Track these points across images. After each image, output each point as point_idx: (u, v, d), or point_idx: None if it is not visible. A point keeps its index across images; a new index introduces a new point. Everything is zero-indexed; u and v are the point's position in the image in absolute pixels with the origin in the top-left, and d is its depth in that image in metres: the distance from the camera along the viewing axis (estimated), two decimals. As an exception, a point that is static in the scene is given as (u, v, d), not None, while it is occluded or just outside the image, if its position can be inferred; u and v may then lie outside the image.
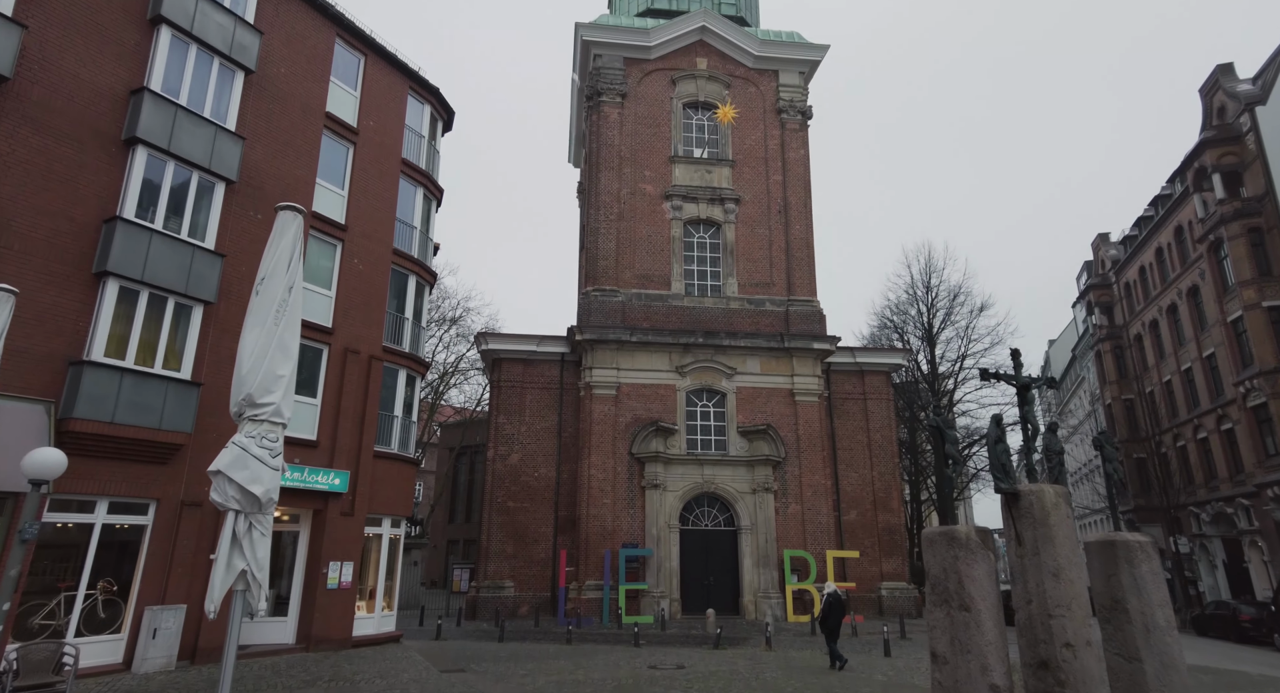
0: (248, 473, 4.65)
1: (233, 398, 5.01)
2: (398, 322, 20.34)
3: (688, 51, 32.76)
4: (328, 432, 17.99)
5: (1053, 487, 7.17)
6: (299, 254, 5.53)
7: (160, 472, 14.15)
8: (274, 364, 5.04)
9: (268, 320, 5.12)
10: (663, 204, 29.84)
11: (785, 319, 28.87)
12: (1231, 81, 33.44)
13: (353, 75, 20.20)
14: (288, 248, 5.46)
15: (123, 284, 13.97)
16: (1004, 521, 7.24)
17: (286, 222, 5.56)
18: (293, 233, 5.56)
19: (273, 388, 5.00)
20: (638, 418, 26.98)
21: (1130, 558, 7.09)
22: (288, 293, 5.33)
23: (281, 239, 5.46)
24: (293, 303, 5.31)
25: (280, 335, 5.15)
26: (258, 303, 5.25)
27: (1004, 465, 7.17)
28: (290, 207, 5.61)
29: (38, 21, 13.81)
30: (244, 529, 4.64)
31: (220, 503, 4.67)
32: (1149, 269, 40.11)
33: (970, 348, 40.83)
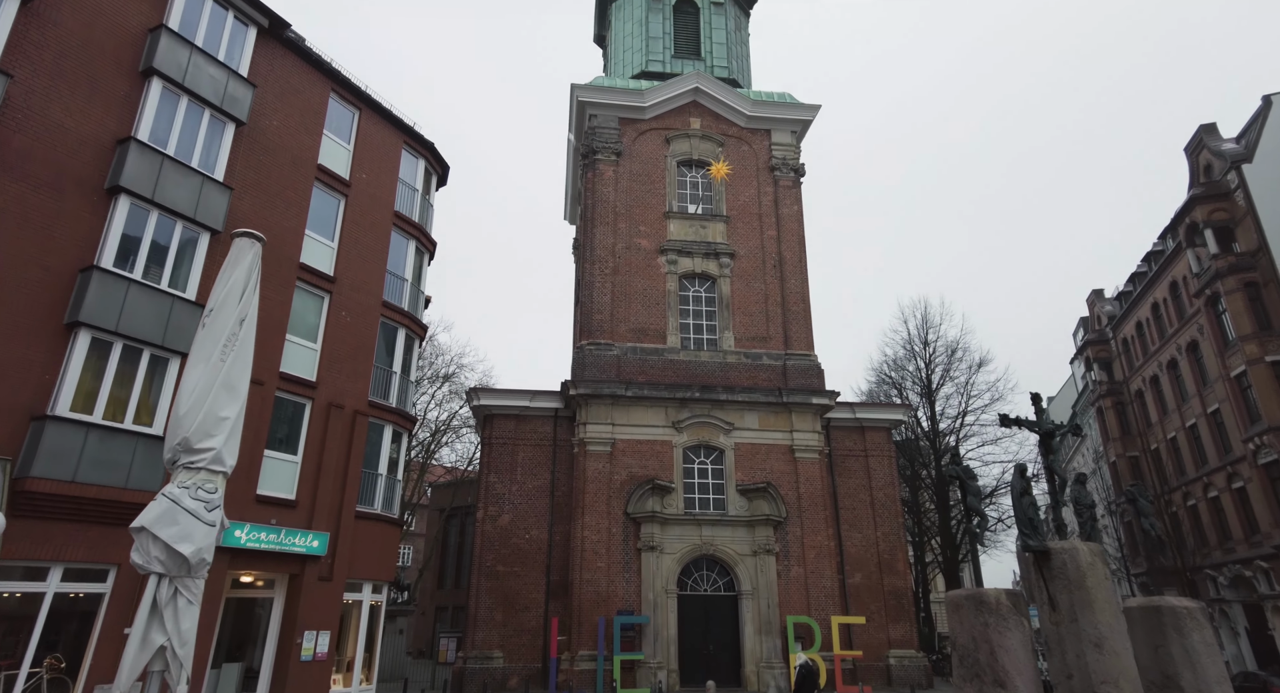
0: (176, 530, 4.00)
1: (167, 443, 4.41)
2: (385, 375, 19.75)
3: (681, 111, 33.21)
4: (308, 490, 17.17)
5: (1087, 544, 6.50)
6: (254, 285, 5.03)
7: (123, 534, 13.11)
8: (217, 404, 4.46)
9: (213, 356, 4.57)
10: (658, 258, 29.69)
11: (783, 373, 28.34)
12: (1216, 141, 33.99)
13: (347, 129, 20.18)
14: (242, 278, 4.95)
15: (95, 335, 13.42)
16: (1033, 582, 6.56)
17: (242, 249, 5.07)
18: (249, 261, 5.07)
19: (214, 431, 4.41)
20: (633, 476, 26.10)
21: (1179, 627, 6.37)
22: (239, 326, 4.79)
23: (235, 268, 4.97)
24: (244, 337, 4.76)
25: (227, 373, 4.58)
26: (204, 337, 4.71)
27: (1031, 521, 6.50)
28: (248, 233, 5.14)
29: (25, 71, 13.68)
30: (167, 596, 3.95)
31: (141, 565, 4.00)
32: (1146, 324, 39.95)
33: (970, 404, 40.22)
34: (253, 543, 15.56)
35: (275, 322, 17.01)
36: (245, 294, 4.89)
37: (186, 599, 3.97)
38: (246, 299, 4.88)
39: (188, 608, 3.96)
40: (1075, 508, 6.74)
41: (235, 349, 4.67)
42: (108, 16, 15.16)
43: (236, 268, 4.94)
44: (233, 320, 4.75)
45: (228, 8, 17.17)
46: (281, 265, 17.41)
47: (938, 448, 40.97)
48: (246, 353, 4.75)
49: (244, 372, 4.70)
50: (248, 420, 16.05)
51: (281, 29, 18.26)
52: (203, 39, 16.53)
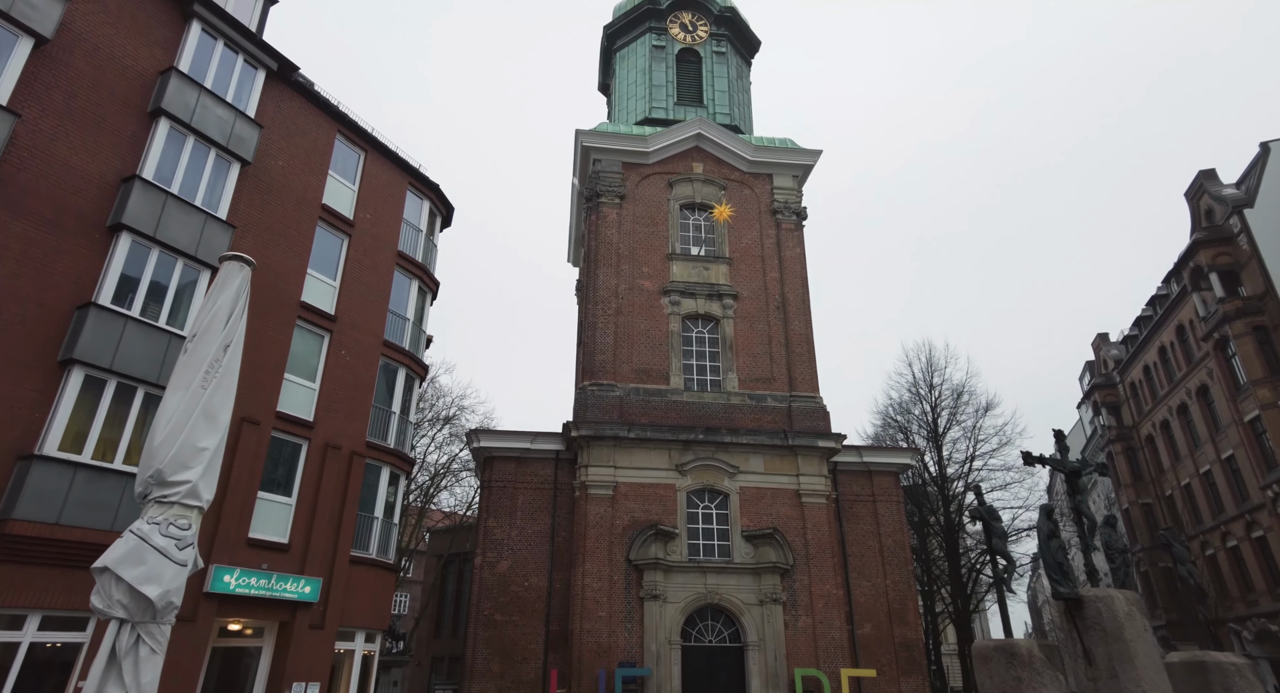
0: (143, 570, 3.67)
1: (139, 475, 4.11)
2: (384, 416, 19.42)
3: (684, 156, 33.56)
4: (301, 534, 16.68)
5: (1123, 593, 6.06)
6: (242, 310, 4.79)
7: (107, 579, 12.80)
8: (195, 435, 4.17)
9: (194, 383, 4.30)
10: (660, 299, 29.59)
11: (788, 416, 27.93)
12: (1216, 186, 34.19)
13: (352, 170, 20.28)
14: (228, 302, 4.72)
15: (89, 373, 13.18)
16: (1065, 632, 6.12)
17: (231, 273, 4.85)
18: (236, 286, 4.84)
19: (190, 463, 4.11)
20: (635, 521, 25.47)
21: (1227, 685, 5.91)
22: (223, 352, 4.53)
23: (222, 292, 4.74)
24: (227, 365, 4.50)
25: (208, 401, 4.30)
26: (185, 363, 4.44)
27: (1061, 566, 6.08)
28: (237, 256, 4.93)
29: (34, 111, 13.75)
30: (127, 645, 3.58)
31: (102, 610, 3.64)
32: (1154, 369, 39.58)
33: (978, 448, 39.55)
34: (242, 589, 15.02)
35: (274, 360, 16.79)
36: (231, 320, 4.65)
37: (150, 648, 3.60)
38: (232, 325, 4.64)
39: (150, 658, 3.58)
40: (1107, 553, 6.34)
41: (218, 377, 4.40)
42: (119, 60, 15.34)
43: (223, 292, 4.71)
44: (216, 346, 4.49)
45: (238, 52, 17.41)
46: (282, 304, 17.26)
47: (946, 494, 40.16)
48: (230, 381, 4.49)
49: (226, 401, 4.43)
50: (242, 461, 15.76)
51: (290, 72, 18.49)
52: (212, 81, 16.71)
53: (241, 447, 15.64)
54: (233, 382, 4.57)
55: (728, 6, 40.17)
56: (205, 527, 14.72)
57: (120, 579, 3.60)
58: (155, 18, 16.16)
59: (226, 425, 4.48)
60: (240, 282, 4.87)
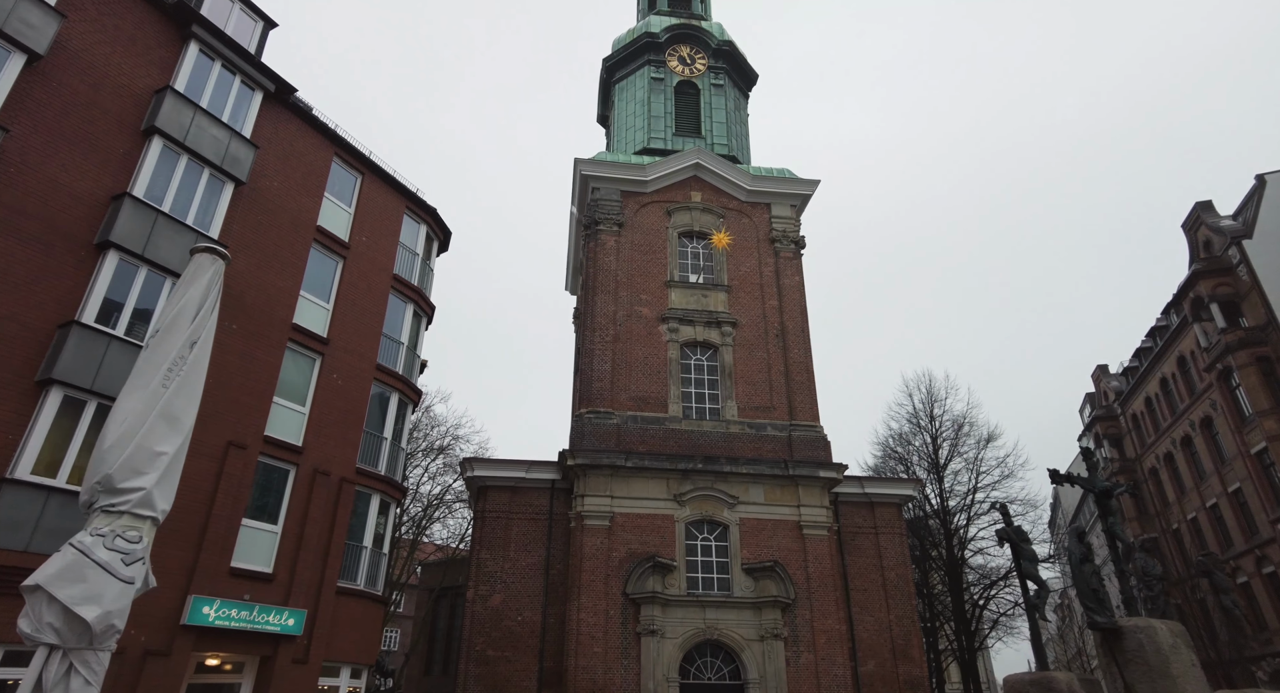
0: (81, 589, 3.22)
1: (85, 482, 3.69)
2: (375, 442, 18.91)
3: (683, 186, 33.57)
4: (286, 564, 16.06)
5: (1165, 623, 5.58)
6: (212, 305, 4.42)
7: (78, 609, 12.18)
8: (152, 437, 3.77)
9: (154, 382, 3.91)
10: (659, 326, 29.28)
11: (788, 445, 27.42)
12: (1213, 217, 34.26)
13: (349, 192, 20.09)
14: (197, 296, 4.35)
15: (68, 393, 12.74)
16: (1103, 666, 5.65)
17: (201, 265, 4.49)
18: (207, 279, 4.47)
19: (145, 468, 3.69)
20: (633, 553, 24.77)
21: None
22: (189, 349, 4.15)
23: (191, 285, 4.37)
24: (193, 363, 4.11)
25: (168, 402, 3.90)
26: (146, 359, 4.06)
27: (1096, 593, 5.62)
28: (209, 248, 4.58)
29: (24, 127, 13.53)
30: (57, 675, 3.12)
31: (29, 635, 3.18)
32: (1156, 400, 39.22)
33: (980, 480, 38.91)
34: (222, 621, 14.36)
35: (263, 383, 16.36)
36: (200, 315, 4.27)
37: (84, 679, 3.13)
38: (201, 321, 4.26)
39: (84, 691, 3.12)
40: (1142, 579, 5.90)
41: (182, 376, 4.01)
42: (114, 79, 15.20)
43: (192, 285, 4.35)
44: (181, 343, 4.11)
45: (235, 72, 17.31)
46: (273, 326, 16.89)
47: (948, 526, 39.42)
48: (195, 382, 4.09)
49: (190, 403, 4.03)
50: (227, 487, 15.20)
51: (287, 94, 18.40)
52: (208, 101, 16.58)
53: (227, 472, 15.13)
54: (199, 382, 4.18)
55: (725, 40, 40.64)
56: (184, 556, 14.14)
57: (54, 599, 3.15)
58: (153, 38, 16.07)
59: (189, 430, 4.07)
60: (211, 276, 4.51)
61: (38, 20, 13.70)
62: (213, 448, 15.03)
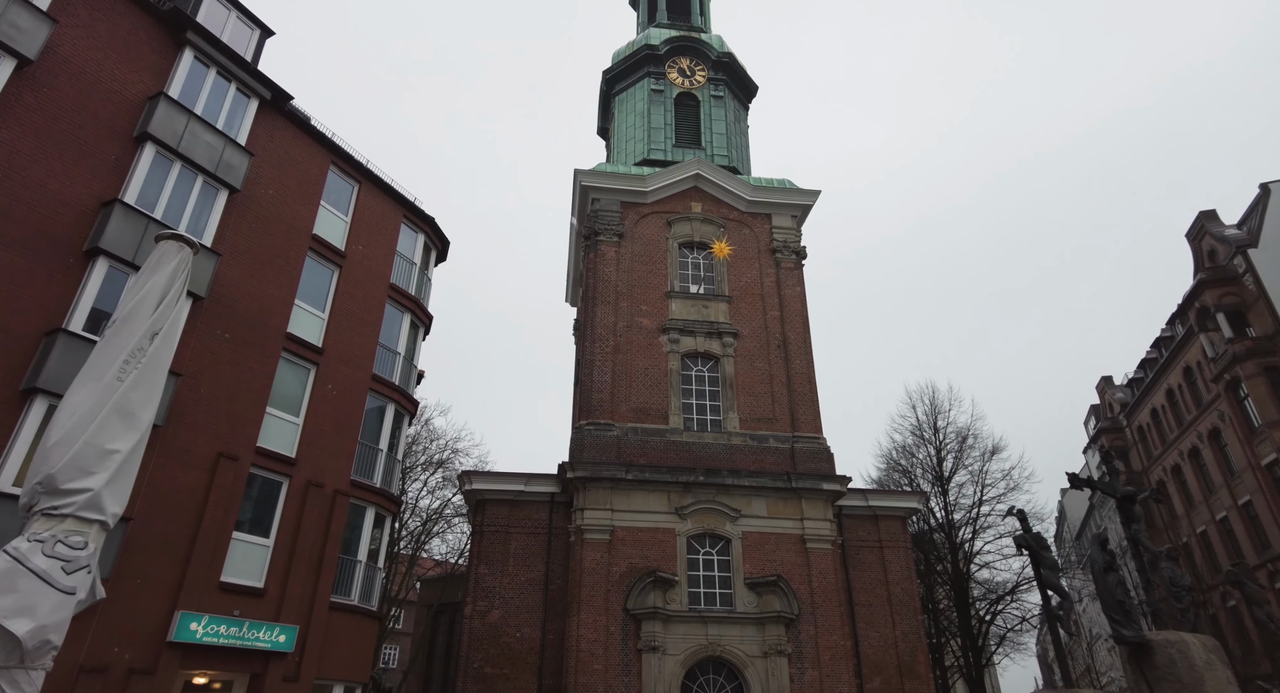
0: (12, 600, 2.90)
1: (25, 483, 3.38)
2: (371, 453, 18.55)
3: (683, 196, 33.41)
4: (277, 578, 15.66)
5: (1197, 637, 5.23)
6: (177, 296, 4.12)
7: (59, 625, 11.78)
8: (104, 434, 3.46)
9: (109, 373, 3.60)
10: (659, 337, 28.97)
11: (791, 457, 27.01)
12: (1217, 227, 34.02)
13: (345, 201, 19.88)
14: (161, 284, 4.05)
15: (53, 403, 12.41)
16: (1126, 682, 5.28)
17: (166, 253, 4.20)
18: (172, 268, 4.18)
19: (94, 467, 3.38)
20: (634, 567, 24.30)
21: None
22: (149, 340, 3.85)
23: (155, 273, 4.08)
24: (153, 356, 3.80)
25: (124, 396, 3.59)
26: (101, 350, 3.75)
27: (1122, 604, 5.26)
28: (177, 235, 4.29)
29: (11, 132, 13.34)
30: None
31: (-49, 650, 2.86)
32: (1162, 412, 38.80)
33: (985, 493, 38.36)
34: (210, 638, 13.96)
35: (255, 393, 16.05)
36: (164, 305, 3.97)
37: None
38: (164, 311, 3.96)
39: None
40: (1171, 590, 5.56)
41: (140, 368, 3.71)
42: (106, 85, 15.02)
43: (156, 273, 4.05)
44: (141, 333, 3.81)
45: (230, 80, 17.15)
46: (267, 335, 16.61)
47: (953, 540, 38.85)
48: (156, 376, 3.78)
49: (149, 398, 3.72)
50: (217, 499, 14.83)
51: (284, 101, 18.23)
52: (202, 108, 16.40)
53: (217, 484, 14.78)
54: (160, 376, 3.87)
55: (725, 52, 40.65)
56: (172, 570, 13.76)
57: (-18, 611, 2.83)
58: (147, 44, 15.92)
59: (148, 427, 3.76)
60: (177, 264, 4.22)
61: (28, 24, 13.52)
62: (203, 459, 14.70)
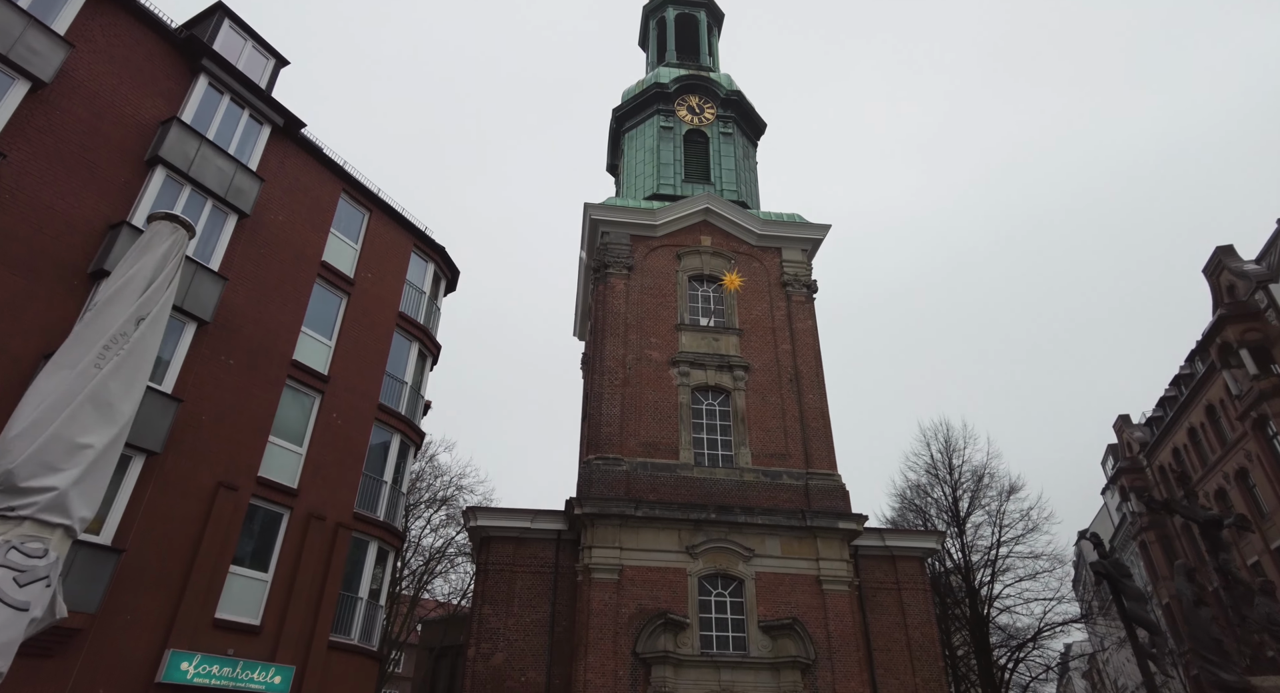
0: (-51, 614, 2.44)
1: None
2: (374, 485, 18.00)
3: (692, 230, 33.34)
4: (275, 615, 14.99)
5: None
6: (167, 280, 3.73)
7: (40, 666, 11.17)
8: (74, 426, 3.02)
9: (84, 360, 3.18)
10: (669, 370, 28.51)
11: (805, 494, 26.25)
12: (1236, 262, 33.60)
13: (355, 229, 19.71)
14: (151, 266, 3.66)
15: (49, 426, 11.98)
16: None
17: (159, 233, 3.82)
18: (164, 249, 3.80)
19: (61, 464, 2.94)
20: (643, 609, 23.39)
21: None
22: (134, 325, 3.43)
23: (145, 254, 3.70)
24: (138, 342, 3.39)
25: (101, 385, 3.17)
26: (79, 335, 3.34)
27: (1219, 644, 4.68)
28: (171, 216, 3.91)
29: (21, 153, 13.20)
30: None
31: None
32: (1184, 452, 37.85)
33: (1004, 534, 37.23)
34: (201, 679, 13.26)
35: (258, 421, 15.61)
36: (153, 289, 3.58)
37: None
38: (153, 295, 3.56)
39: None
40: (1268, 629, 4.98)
41: (123, 356, 3.29)
42: (119, 108, 14.97)
43: (147, 253, 3.67)
44: (126, 317, 3.40)
45: (244, 106, 17.13)
46: (272, 361, 16.24)
47: (971, 582, 37.63)
48: (140, 365, 3.36)
49: (130, 388, 3.29)
50: (215, 531, 14.25)
51: (296, 128, 18.20)
52: (215, 133, 16.34)
53: (215, 514, 14.24)
54: (143, 365, 3.46)
55: (734, 90, 41.08)
56: (164, 606, 13.13)
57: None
58: (162, 70, 15.93)
59: (127, 421, 3.33)
60: (170, 245, 3.84)
61: (44, 48, 13.51)
62: (201, 488, 14.19)
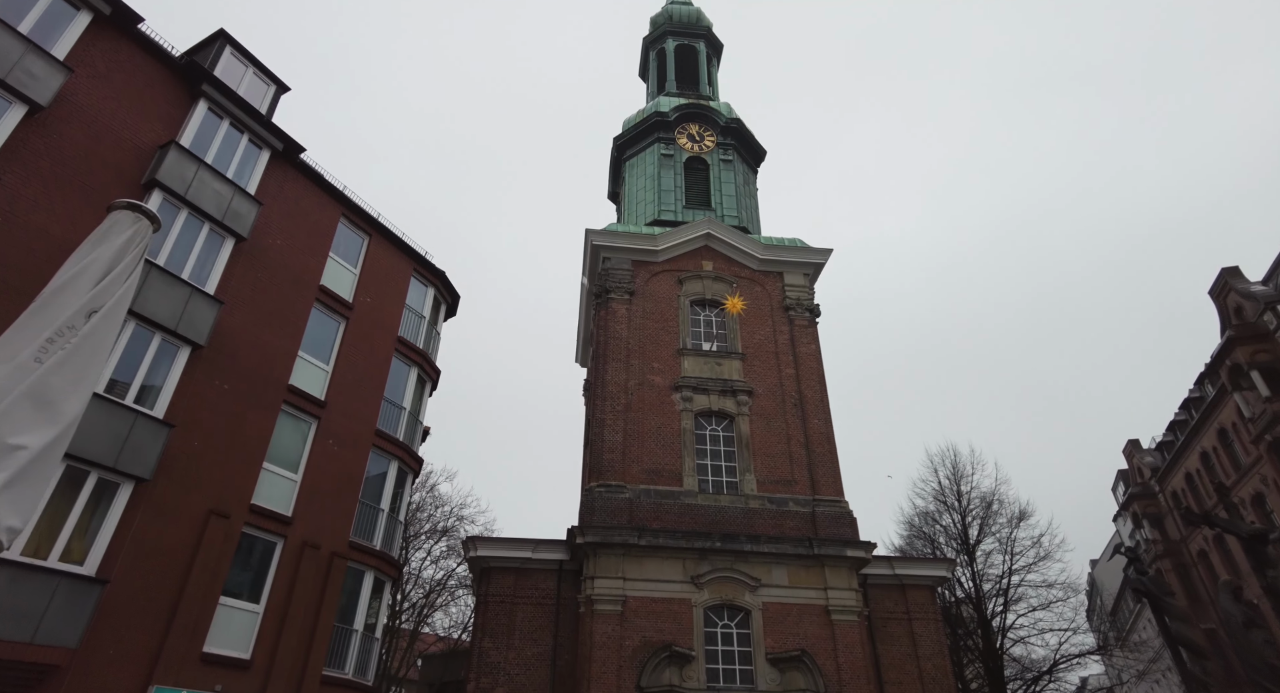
0: None
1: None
2: (371, 513, 17.57)
3: (694, 255, 33.27)
4: (266, 648, 14.50)
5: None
6: (126, 272, 3.46)
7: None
8: (6, 425, 2.72)
9: (24, 352, 2.90)
10: (672, 395, 28.15)
11: (812, 521, 25.70)
12: (1242, 283, 33.35)
13: (355, 253, 19.57)
14: (107, 257, 3.40)
15: (34, 451, 11.66)
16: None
17: (119, 224, 3.56)
18: (124, 240, 3.53)
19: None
20: (647, 641, 22.72)
21: None
22: (84, 318, 3.16)
23: (102, 243, 3.44)
24: (87, 337, 3.10)
25: (41, 380, 2.88)
26: (20, 326, 3.06)
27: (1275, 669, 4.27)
28: (133, 205, 3.66)
29: (15, 177, 13.11)
30: None
31: None
32: (1197, 476, 37.16)
33: (1015, 562, 36.40)
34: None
35: (252, 448, 15.27)
36: (108, 280, 3.32)
37: None
38: (109, 287, 3.30)
39: None
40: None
41: (70, 350, 3.01)
42: (117, 132, 14.92)
43: (103, 243, 3.41)
44: (75, 310, 3.14)
45: (243, 130, 17.10)
46: (267, 387, 15.95)
47: (983, 612, 36.72)
48: (88, 360, 3.07)
49: (75, 385, 3.00)
50: (205, 560, 13.81)
51: (295, 153, 18.15)
52: (213, 157, 16.28)
53: (206, 543, 13.83)
54: (94, 362, 3.18)
55: (733, 118, 41.37)
56: (150, 639, 12.67)
57: None
58: (162, 95, 15.93)
59: (71, 421, 3.04)
60: (131, 236, 3.58)
61: (42, 72, 13.49)
62: (192, 516, 13.81)
